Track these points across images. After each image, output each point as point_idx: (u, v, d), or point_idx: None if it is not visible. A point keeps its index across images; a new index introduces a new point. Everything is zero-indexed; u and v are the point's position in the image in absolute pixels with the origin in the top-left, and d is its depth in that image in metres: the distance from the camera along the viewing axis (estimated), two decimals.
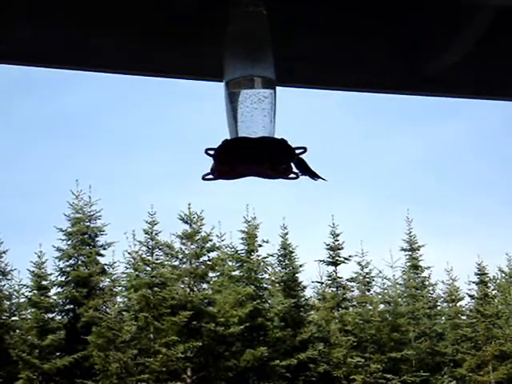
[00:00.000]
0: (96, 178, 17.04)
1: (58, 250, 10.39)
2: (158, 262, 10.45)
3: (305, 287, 11.34)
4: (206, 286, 10.73)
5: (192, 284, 10.45)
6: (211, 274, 10.78)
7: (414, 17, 0.80)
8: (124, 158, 16.96)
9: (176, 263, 10.57)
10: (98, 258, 10.53)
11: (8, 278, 10.55)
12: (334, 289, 11.36)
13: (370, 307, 11.35)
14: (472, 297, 12.13)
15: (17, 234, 15.43)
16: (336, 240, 11.40)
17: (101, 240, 10.60)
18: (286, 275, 11.24)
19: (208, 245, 10.63)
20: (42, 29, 0.72)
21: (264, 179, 0.69)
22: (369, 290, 11.62)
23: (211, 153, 0.68)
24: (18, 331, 10.04)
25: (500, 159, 18.90)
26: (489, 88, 0.88)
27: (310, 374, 10.48)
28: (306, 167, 0.70)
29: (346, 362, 10.53)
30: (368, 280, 11.56)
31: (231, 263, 11.09)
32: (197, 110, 16.56)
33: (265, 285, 11.13)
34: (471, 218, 17.10)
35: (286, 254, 11.39)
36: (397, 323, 11.20)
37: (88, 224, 10.56)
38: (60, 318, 10.18)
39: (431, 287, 12.43)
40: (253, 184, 0.70)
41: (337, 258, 11.39)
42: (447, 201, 17.62)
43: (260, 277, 11.04)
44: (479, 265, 12.26)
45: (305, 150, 0.68)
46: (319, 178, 0.72)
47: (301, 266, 11.34)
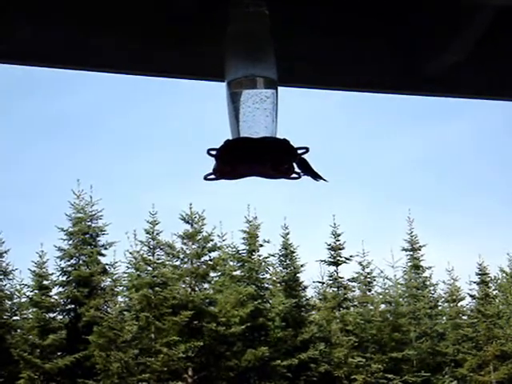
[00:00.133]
0: (97, 178, 17.09)
1: (60, 249, 10.41)
2: (160, 261, 10.46)
3: (306, 287, 11.35)
4: (207, 285, 10.73)
5: (193, 284, 10.46)
6: (212, 274, 10.79)
7: (414, 17, 0.80)
8: (125, 158, 17.00)
9: (177, 263, 10.59)
10: (99, 258, 10.54)
11: (9, 277, 10.57)
12: (335, 289, 11.35)
13: (371, 307, 11.34)
14: (473, 297, 12.13)
15: (18, 233, 15.48)
16: (337, 240, 11.39)
17: (102, 240, 10.63)
18: (287, 275, 11.23)
19: (209, 245, 10.63)
20: (42, 29, 0.72)
21: (266, 179, 0.68)
22: (370, 290, 11.61)
23: (213, 153, 0.68)
24: (19, 331, 10.05)
25: (500, 159, 18.88)
26: (489, 88, 0.88)
27: (311, 373, 10.47)
28: (308, 167, 0.70)
29: (347, 362, 10.52)
30: (369, 280, 11.55)
31: (232, 263, 11.08)
32: (198, 109, 16.58)
33: (266, 285, 11.12)
34: (472, 218, 17.10)
35: (287, 253, 11.38)
36: (398, 323, 11.18)
37: (89, 224, 10.57)
38: (61, 317, 10.19)
39: (432, 287, 12.42)
40: (254, 184, 0.70)
41: (338, 257, 11.38)
42: (448, 201, 17.61)
43: (261, 277, 11.04)
44: (480, 265, 12.26)
45: (307, 150, 0.68)
46: (321, 179, 0.72)
47: (302, 265, 11.35)
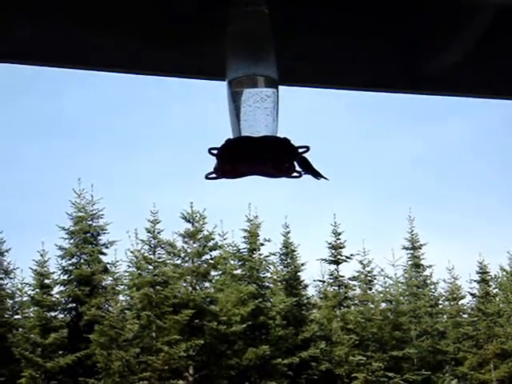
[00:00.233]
0: (98, 177, 17.10)
1: (61, 248, 10.43)
2: (161, 260, 10.46)
3: (307, 286, 11.37)
4: (208, 284, 10.73)
5: (194, 283, 10.46)
6: (213, 273, 10.79)
7: (414, 17, 0.80)
8: (126, 157, 17.00)
9: (178, 262, 10.59)
10: (100, 257, 10.56)
11: (11, 276, 10.62)
12: (336, 287, 11.34)
13: (372, 306, 11.34)
14: (473, 295, 12.10)
15: (19, 232, 15.50)
16: (338, 239, 11.39)
17: (103, 239, 10.64)
18: (287, 274, 11.24)
19: (210, 243, 10.63)
20: (42, 29, 0.72)
21: (266, 178, 0.68)
22: (370, 289, 11.61)
23: (214, 152, 0.68)
24: (20, 330, 10.07)
25: (500, 158, 18.85)
26: (489, 87, 0.88)
27: (311, 372, 10.48)
28: (309, 166, 0.70)
29: (347, 361, 10.53)
30: (370, 279, 11.54)
31: (233, 262, 11.09)
32: (199, 109, 16.56)
33: (267, 283, 11.12)
34: (472, 216, 17.10)
35: (288, 252, 11.38)
36: (398, 322, 11.18)
37: (90, 223, 10.58)
38: (62, 316, 10.21)
39: (433, 286, 12.42)
40: (255, 183, 0.70)
41: (339, 256, 11.38)
42: (448, 200, 17.60)
43: (262, 275, 11.04)
44: (481, 263, 12.23)
45: (308, 148, 0.68)
46: (322, 178, 0.72)
47: (303, 264, 11.35)
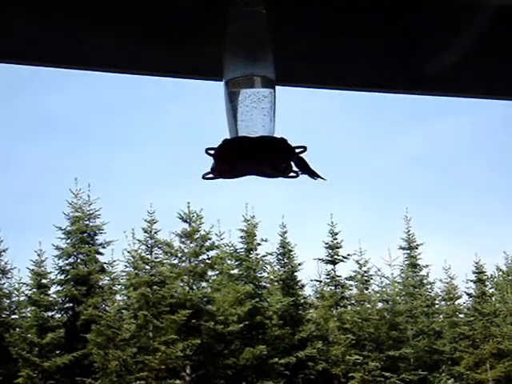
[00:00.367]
0: (95, 177, 17.06)
1: (58, 248, 10.41)
2: (158, 260, 10.46)
3: (303, 286, 11.39)
4: (205, 284, 10.74)
5: (191, 282, 10.47)
6: (210, 273, 10.81)
7: (414, 17, 0.80)
8: (123, 158, 16.96)
9: (175, 262, 10.59)
10: (97, 257, 10.54)
11: (8, 276, 10.58)
12: (333, 287, 11.38)
13: (369, 305, 11.37)
14: (470, 295, 12.17)
15: (16, 232, 15.44)
16: (335, 239, 11.43)
17: (100, 238, 10.64)
18: (284, 274, 11.26)
19: (207, 243, 10.64)
20: (42, 29, 0.72)
21: (264, 178, 0.69)
22: (367, 289, 11.65)
23: (211, 152, 0.68)
24: (17, 329, 10.04)
25: (498, 158, 18.97)
26: (489, 87, 0.89)
27: (308, 371, 10.51)
28: (305, 166, 0.70)
29: (344, 360, 10.56)
30: (366, 278, 11.58)
31: (230, 262, 11.09)
32: (196, 109, 16.55)
33: (264, 283, 11.15)
34: (469, 216, 17.20)
35: (285, 252, 11.41)
36: (395, 321, 11.23)
37: (87, 223, 10.57)
38: (60, 316, 10.20)
39: (429, 285, 12.48)
40: (252, 183, 0.71)
41: (335, 256, 11.42)
42: (445, 200, 17.68)
43: (259, 275, 11.06)
44: (477, 263, 12.30)
45: (305, 149, 0.68)
46: (319, 177, 0.72)
47: (299, 264, 11.38)
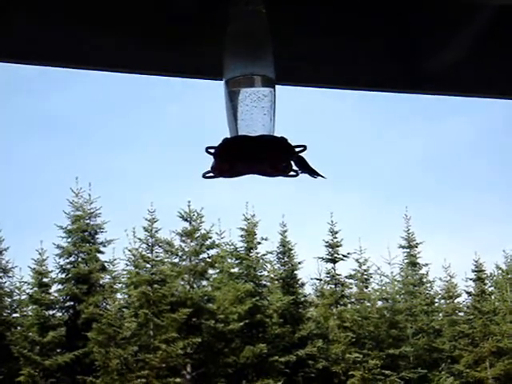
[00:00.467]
0: (96, 176, 17.06)
1: (59, 247, 10.41)
2: (158, 259, 10.47)
3: (303, 284, 11.39)
4: (205, 283, 10.75)
5: (192, 281, 10.48)
6: (211, 271, 10.82)
7: (414, 16, 0.80)
8: (124, 157, 16.95)
9: (176, 260, 10.60)
10: (98, 256, 10.55)
11: (9, 275, 10.59)
12: (333, 286, 11.39)
13: (368, 304, 11.38)
14: (469, 293, 12.16)
15: (18, 231, 15.45)
16: (335, 237, 11.43)
17: (101, 237, 10.64)
18: (284, 272, 11.27)
19: (207, 242, 10.64)
20: (42, 29, 0.72)
21: (264, 177, 0.69)
22: (367, 287, 11.65)
23: (211, 151, 0.68)
24: (19, 328, 10.05)
25: (498, 157, 18.95)
26: (489, 86, 0.89)
27: (308, 370, 10.53)
28: (305, 165, 0.70)
29: (344, 358, 10.58)
30: (366, 277, 11.58)
31: (230, 260, 11.10)
32: (197, 108, 16.53)
33: (264, 282, 11.15)
34: (469, 215, 17.19)
35: (285, 251, 11.41)
36: (395, 320, 11.25)
37: (88, 221, 10.57)
38: (61, 314, 10.20)
39: (429, 284, 12.47)
40: (252, 182, 0.71)
41: (335, 255, 11.42)
42: (445, 198, 17.67)
43: (259, 274, 11.07)
44: (476, 262, 12.29)
45: (304, 148, 0.69)
46: (319, 176, 0.72)
47: (299, 263, 11.40)
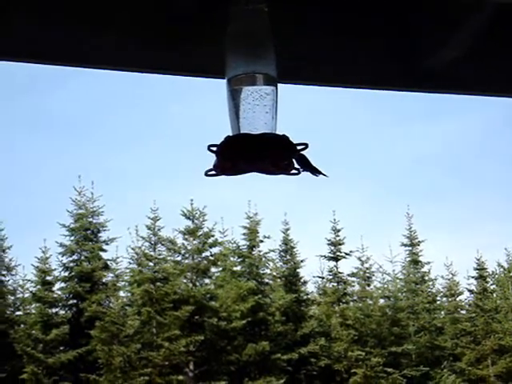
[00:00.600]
0: (98, 175, 17.11)
1: (62, 245, 10.45)
2: (161, 257, 10.49)
3: (306, 282, 11.40)
4: (208, 280, 10.77)
5: (194, 279, 10.50)
6: (213, 269, 10.82)
7: (414, 16, 0.80)
8: (126, 155, 16.98)
9: (178, 258, 10.61)
10: (101, 254, 10.59)
11: (12, 273, 10.67)
12: (335, 284, 11.38)
13: (371, 302, 11.37)
14: (471, 291, 12.12)
15: (21, 229, 15.52)
16: (337, 235, 11.41)
17: (103, 235, 10.67)
18: (287, 270, 11.27)
19: (210, 240, 10.65)
20: (42, 29, 0.73)
21: (266, 175, 0.69)
22: (369, 285, 11.64)
23: (214, 149, 0.68)
24: (22, 326, 10.10)
25: (499, 155, 18.86)
26: (489, 84, 0.88)
27: (311, 367, 10.54)
28: (307, 163, 0.70)
29: (346, 356, 10.58)
30: (368, 275, 11.57)
31: (233, 258, 11.11)
32: (200, 106, 16.52)
33: (266, 280, 11.15)
34: (470, 213, 17.12)
35: (288, 249, 11.41)
36: (397, 318, 11.24)
37: (91, 220, 10.59)
38: (64, 312, 10.24)
39: (431, 282, 12.43)
40: (254, 180, 0.71)
41: (338, 253, 11.41)
42: (447, 196, 17.61)
43: (261, 272, 11.07)
44: (478, 260, 12.23)
45: (306, 146, 0.68)
46: (320, 174, 0.72)
47: (302, 261, 11.40)
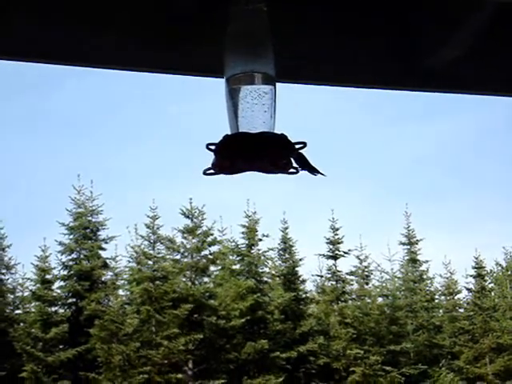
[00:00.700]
0: (98, 173, 17.10)
1: (61, 244, 10.45)
2: (160, 255, 10.49)
3: (304, 281, 11.42)
4: (207, 279, 10.79)
5: (193, 277, 10.51)
6: (212, 268, 10.84)
7: (415, 16, 0.80)
8: (125, 154, 16.96)
9: (177, 257, 10.62)
10: (100, 252, 10.59)
11: (12, 271, 10.65)
12: (334, 282, 11.41)
13: (369, 300, 11.40)
14: (469, 290, 12.18)
15: (21, 228, 15.51)
16: (336, 234, 11.44)
17: (102, 234, 10.66)
18: (286, 269, 11.29)
19: (209, 239, 10.66)
20: (42, 28, 0.72)
21: (264, 174, 0.69)
22: (367, 284, 11.66)
23: (212, 148, 0.68)
24: (22, 324, 10.10)
25: (498, 154, 18.91)
26: (489, 84, 0.88)
27: (309, 366, 10.57)
28: (305, 162, 0.70)
29: (345, 355, 10.61)
30: (367, 274, 11.60)
31: (232, 257, 11.12)
32: (198, 105, 16.51)
33: (265, 278, 11.17)
34: (469, 212, 17.18)
35: (286, 247, 11.43)
36: (395, 316, 11.27)
37: (90, 218, 10.59)
38: (63, 311, 10.24)
39: (429, 280, 12.47)
40: (253, 179, 0.71)
41: (336, 251, 11.43)
42: (445, 195, 17.65)
43: (260, 270, 11.09)
44: (476, 258, 12.29)
45: (304, 144, 0.68)
46: (319, 173, 0.72)
47: (301, 259, 11.41)
